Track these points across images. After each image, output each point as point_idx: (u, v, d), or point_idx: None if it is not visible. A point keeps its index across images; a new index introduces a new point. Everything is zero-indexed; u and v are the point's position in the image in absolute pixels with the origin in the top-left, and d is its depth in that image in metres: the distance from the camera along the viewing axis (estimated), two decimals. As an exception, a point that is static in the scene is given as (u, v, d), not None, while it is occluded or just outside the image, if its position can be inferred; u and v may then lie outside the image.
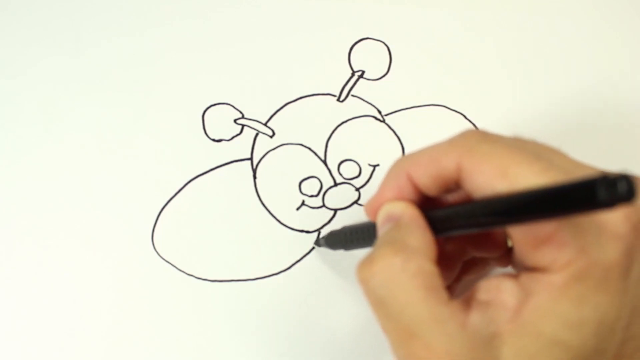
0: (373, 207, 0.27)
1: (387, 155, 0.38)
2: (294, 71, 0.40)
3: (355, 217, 0.36)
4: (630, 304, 0.22)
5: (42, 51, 0.40)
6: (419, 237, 0.24)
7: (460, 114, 0.39)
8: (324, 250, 0.35)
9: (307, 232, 0.36)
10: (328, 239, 0.33)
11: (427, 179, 0.25)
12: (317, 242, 0.35)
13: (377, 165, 0.37)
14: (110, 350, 0.33)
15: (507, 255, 0.28)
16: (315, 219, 0.36)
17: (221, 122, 0.38)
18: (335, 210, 0.37)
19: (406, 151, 0.38)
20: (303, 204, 0.37)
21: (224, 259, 0.35)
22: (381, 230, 0.26)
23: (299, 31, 0.41)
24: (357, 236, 0.30)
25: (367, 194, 0.37)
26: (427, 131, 0.38)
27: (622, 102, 0.39)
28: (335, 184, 0.37)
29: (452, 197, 0.27)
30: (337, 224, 0.36)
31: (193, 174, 0.37)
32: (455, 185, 0.25)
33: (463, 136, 0.25)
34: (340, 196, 0.37)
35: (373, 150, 0.38)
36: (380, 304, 0.23)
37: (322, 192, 0.37)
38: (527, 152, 0.23)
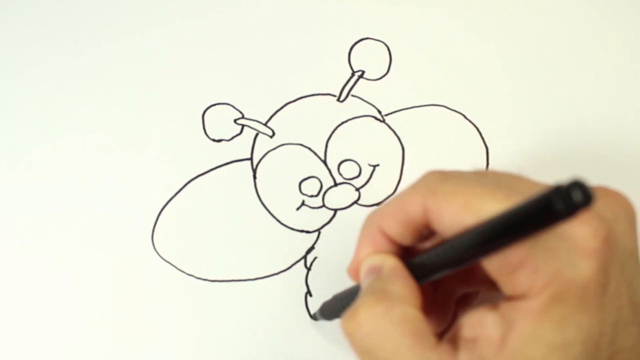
0: (354, 268, 0.27)
1: (387, 155, 0.38)
2: (294, 71, 0.40)
3: (355, 217, 0.36)
4: (612, 318, 0.22)
5: (42, 51, 0.40)
6: (400, 284, 0.24)
7: (460, 114, 0.39)
8: (323, 250, 0.35)
9: (307, 232, 0.36)
10: (323, 311, 0.33)
11: (399, 228, 0.25)
12: (314, 317, 0.34)
13: (377, 165, 0.37)
14: (110, 350, 0.33)
15: (491, 282, 0.28)
16: (315, 219, 0.36)
17: (221, 122, 0.38)
18: (335, 210, 0.37)
19: (406, 151, 0.38)
20: (303, 204, 0.37)
21: (224, 259, 0.35)
22: (364, 284, 0.26)
23: (299, 31, 0.41)
24: (348, 301, 0.29)
25: (367, 194, 0.37)
26: (427, 131, 0.38)
27: (622, 102, 0.39)
28: (335, 184, 0.37)
29: (429, 244, 0.27)
30: (337, 224, 0.36)
31: (193, 174, 0.37)
32: (426, 229, 0.25)
33: (424, 179, 0.25)
34: (340, 196, 0.37)
35: (373, 150, 0.38)
36: (367, 355, 0.23)
37: (322, 192, 0.37)
38: (488, 184, 0.23)
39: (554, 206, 0.18)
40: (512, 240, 0.20)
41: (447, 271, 0.24)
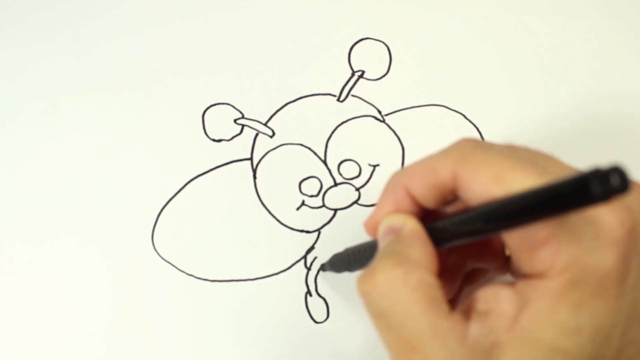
0: (372, 223, 0.27)
1: (387, 155, 0.38)
2: (294, 71, 0.40)
3: (355, 217, 0.36)
4: (627, 310, 0.22)
5: (43, 51, 0.40)
6: (420, 249, 0.24)
7: (460, 114, 0.39)
8: (323, 250, 0.35)
9: (307, 232, 0.36)
10: (332, 262, 0.33)
11: (424, 190, 0.25)
12: (323, 267, 0.35)
13: (377, 165, 0.37)
14: (110, 350, 0.33)
15: (505, 264, 0.27)
16: (315, 219, 0.36)
17: (221, 122, 0.38)
18: (335, 210, 0.37)
19: (406, 151, 0.38)
20: (303, 204, 0.37)
21: (224, 259, 0.35)
22: (382, 243, 0.26)
23: (299, 31, 0.41)
24: (360, 256, 0.29)
25: (367, 194, 0.37)
26: (427, 131, 0.38)
27: (622, 102, 0.39)
28: (335, 184, 0.37)
29: (450, 209, 0.27)
30: (337, 224, 0.36)
31: (193, 174, 0.37)
32: (452, 195, 0.25)
33: (457, 145, 0.25)
34: (340, 196, 0.37)
35: (373, 150, 0.38)
36: (381, 317, 0.23)
37: (322, 192, 0.37)
38: (521, 159, 0.23)
39: (590, 188, 0.18)
40: (541, 216, 0.20)
41: (469, 239, 0.24)
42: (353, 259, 0.30)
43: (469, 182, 0.23)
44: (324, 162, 0.37)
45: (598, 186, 0.17)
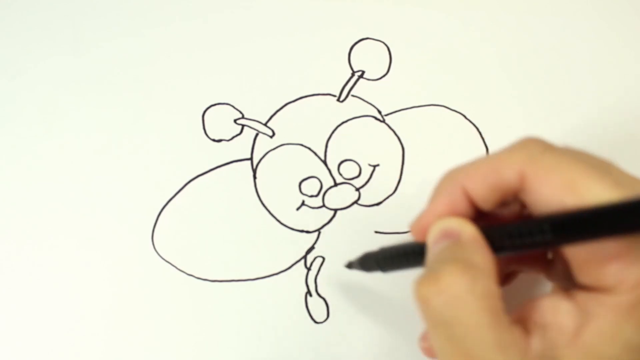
0: (422, 226, 0.25)
1: (387, 155, 0.38)
2: (294, 71, 0.40)
3: (355, 217, 0.36)
4: None
5: (43, 52, 0.40)
6: (483, 256, 0.22)
7: (460, 114, 0.39)
8: (323, 250, 0.35)
9: (307, 232, 0.36)
10: (363, 262, 0.30)
11: (486, 191, 0.23)
12: (350, 265, 0.32)
13: (377, 165, 0.37)
14: (111, 350, 0.34)
15: (545, 267, 0.26)
16: (315, 219, 0.36)
17: (221, 122, 0.38)
18: (335, 210, 0.37)
19: (406, 151, 0.38)
20: (303, 204, 0.37)
21: (224, 259, 0.35)
22: (436, 248, 0.24)
23: (299, 31, 0.41)
24: (401, 258, 0.27)
25: (367, 194, 0.37)
26: (427, 131, 0.38)
27: (623, 101, 0.39)
28: (335, 184, 0.37)
29: (504, 212, 0.25)
30: (337, 224, 0.36)
31: (193, 174, 0.37)
32: (512, 197, 0.23)
33: (524, 144, 0.23)
34: (340, 196, 0.37)
35: (373, 150, 0.38)
36: (442, 325, 0.22)
37: (322, 192, 0.37)
38: (595, 166, 0.21)
39: None
40: (619, 233, 0.19)
41: (532, 249, 0.22)
42: (391, 260, 0.28)
43: (537, 187, 0.22)
44: (324, 162, 0.37)
45: None
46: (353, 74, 0.40)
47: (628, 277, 0.20)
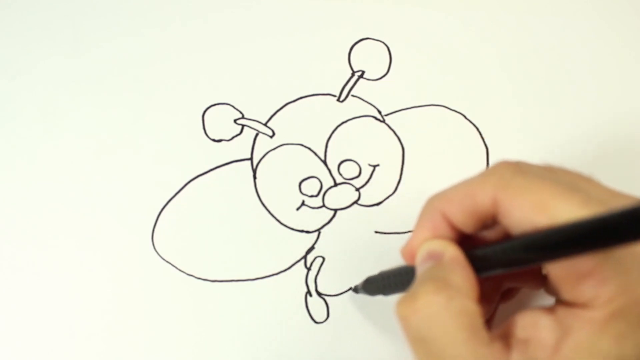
0: (410, 250, 0.26)
1: (387, 155, 0.38)
2: (294, 71, 0.40)
3: (355, 217, 0.36)
4: None
5: (43, 52, 0.40)
6: (461, 275, 0.24)
7: (460, 114, 0.39)
8: (323, 250, 0.35)
9: (307, 232, 0.36)
10: (366, 286, 0.32)
11: (463, 216, 0.24)
12: (355, 289, 0.34)
13: (377, 165, 0.37)
14: (111, 350, 0.33)
15: (541, 282, 0.27)
16: (315, 219, 0.36)
17: (221, 122, 0.38)
18: (335, 210, 0.37)
19: (406, 151, 0.38)
20: (303, 204, 0.37)
21: (224, 259, 0.35)
22: (421, 269, 0.25)
23: (299, 31, 0.41)
24: (396, 280, 0.29)
25: (367, 194, 0.37)
26: (427, 131, 0.38)
27: (623, 101, 0.39)
28: (335, 184, 0.37)
29: (488, 234, 0.26)
30: (337, 224, 0.36)
31: (193, 174, 0.37)
32: (491, 220, 0.24)
33: (496, 169, 0.24)
34: (340, 196, 0.37)
35: (373, 150, 0.38)
36: (420, 343, 0.23)
37: (322, 192, 0.37)
38: (564, 184, 0.22)
39: None
40: (589, 250, 0.20)
41: (509, 269, 0.23)
42: (388, 283, 0.29)
43: (510, 209, 0.23)
44: (324, 162, 0.37)
45: None
46: (353, 74, 0.40)
47: (602, 293, 0.21)
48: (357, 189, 0.37)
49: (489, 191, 0.23)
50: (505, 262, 0.23)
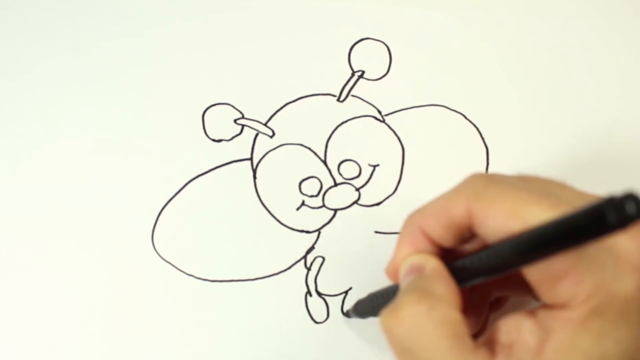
0: (393, 268, 0.27)
1: (387, 155, 0.38)
2: (294, 71, 0.40)
3: (355, 217, 0.36)
4: None
5: (43, 52, 0.40)
6: (443, 285, 0.24)
7: (460, 114, 0.39)
8: (323, 250, 0.35)
9: (307, 232, 0.36)
10: (356, 309, 0.32)
11: (440, 230, 0.25)
12: (347, 314, 0.34)
13: (377, 165, 0.37)
14: (111, 350, 0.33)
15: (525, 287, 0.27)
16: (315, 219, 0.36)
17: (221, 122, 0.38)
18: (335, 210, 0.37)
19: (406, 151, 0.38)
20: (303, 204, 0.37)
21: (224, 259, 0.35)
22: (404, 282, 0.26)
23: (299, 31, 0.41)
24: (384, 300, 0.29)
25: (367, 194, 0.37)
26: (427, 131, 0.38)
27: (623, 101, 0.39)
28: (335, 184, 0.37)
29: (469, 247, 0.27)
30: (337, 224, 0.36)
31: (193, 174, 0.37)
32: (469, 232, 0.25)
33: (469, 182, 0.25)
34: (340, 196, 0.37)
35: (373, 150, 0.38)
36: (405, 353, 0.23)
37: (322, 192, 0.37)
38: (534, 190, 0.23)
39: (606, 217, 0.18)
40: (559, 249, 0.20)
41: (489, 277, 0.24)
42: (377, 304, 0.30)
43: (484, 219, 0.23)
44: (324, 162, 0.37)
45: (614, 215, 0.17)
46: (353, 74, 0.40)
47: (578, 292, 0.21)
48: (357, 189, 0.37)
49: (463, 203, 0.24)
50: (483, 270, 0.24)
